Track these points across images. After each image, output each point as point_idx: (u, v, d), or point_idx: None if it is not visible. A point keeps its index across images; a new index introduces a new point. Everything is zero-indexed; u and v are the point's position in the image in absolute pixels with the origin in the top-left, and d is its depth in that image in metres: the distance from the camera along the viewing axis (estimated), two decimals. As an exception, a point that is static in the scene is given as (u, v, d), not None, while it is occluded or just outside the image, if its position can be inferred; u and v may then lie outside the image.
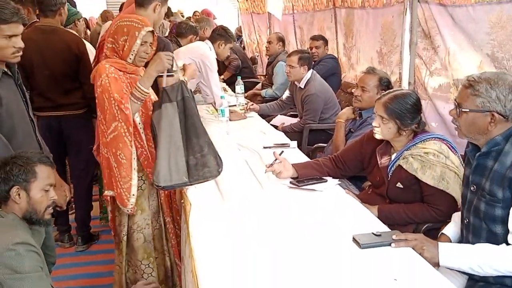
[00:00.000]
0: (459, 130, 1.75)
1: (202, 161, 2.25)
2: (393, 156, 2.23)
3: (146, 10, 2.60)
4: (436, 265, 1.66)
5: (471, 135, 1.72)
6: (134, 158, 2.24)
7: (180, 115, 2.25)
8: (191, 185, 2.24)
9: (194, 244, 1.76)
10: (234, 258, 1.65)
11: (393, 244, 1.69)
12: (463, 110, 1.69)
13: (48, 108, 3.24)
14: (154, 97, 2.48)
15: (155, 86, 2.48)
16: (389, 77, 2.88)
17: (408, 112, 2.14)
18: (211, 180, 2.28)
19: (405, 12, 3.56)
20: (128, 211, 2.28)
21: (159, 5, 2.62)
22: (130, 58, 2.25)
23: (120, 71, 2.25)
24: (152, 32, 2.30)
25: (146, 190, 2.40)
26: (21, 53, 2.04)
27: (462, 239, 1.86)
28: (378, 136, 2.24)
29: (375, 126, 2.23)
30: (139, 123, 2.35)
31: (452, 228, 1.93)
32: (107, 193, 2.31)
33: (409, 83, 3.66)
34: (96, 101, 2.25)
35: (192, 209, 2.07)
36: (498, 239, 1.66)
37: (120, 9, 4.48)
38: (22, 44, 2.02)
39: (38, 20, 3.39)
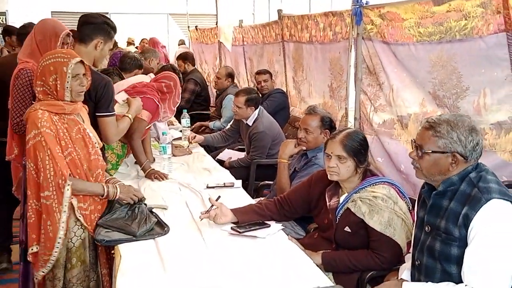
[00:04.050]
0: (419, 171, 1.74)
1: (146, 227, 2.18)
2: (342, 198, 2.16)
3: (87, 47, 2.42)
4: None
5: (431, 176, 1.71)
6: (60, 238, 2.05)
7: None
8: (137, 240, 2.07)
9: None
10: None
11: None
12: (425, 151, 1.68)
13: None
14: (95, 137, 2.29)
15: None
16: (330, 116, 2.83)
17: (362, 147, 2.14)
18: (158, 237, 2.11)
19: (350, 48, 3.59)
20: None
21: (102, 42, 2.44)
22: (67, 96, 2.09)
23: (57, 114, 2.07)
24: (82, 62, 2.13)
25: (86, 239, 2.19)
26: None
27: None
28: (335, 177, 2.15)
29: (332, 167, 2.13)
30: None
31: (408, 272, 1.86)
32: (32, 250, 2.08)
33: (355, 118, 3.66)
34: (26, 151, 2.05)
35: (122, 261, 1.89)
36: (453, 280, 1.62)
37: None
38: None
39: None
